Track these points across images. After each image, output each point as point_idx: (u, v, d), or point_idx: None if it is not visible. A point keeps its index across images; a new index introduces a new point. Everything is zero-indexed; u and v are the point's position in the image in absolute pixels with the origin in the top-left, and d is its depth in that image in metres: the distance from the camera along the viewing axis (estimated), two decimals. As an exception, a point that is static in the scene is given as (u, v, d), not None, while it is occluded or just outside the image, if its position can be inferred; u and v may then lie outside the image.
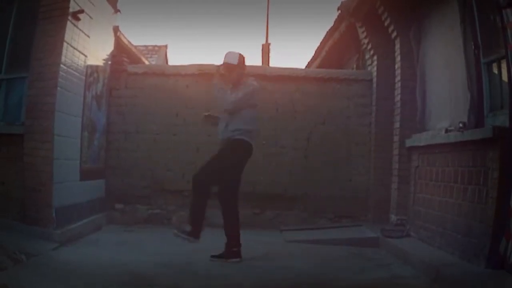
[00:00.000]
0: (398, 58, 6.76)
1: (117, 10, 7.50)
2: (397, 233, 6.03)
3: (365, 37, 7.42)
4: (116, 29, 7.57)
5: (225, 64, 5.23)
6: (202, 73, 7.45)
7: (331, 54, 9.68)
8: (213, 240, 5.18)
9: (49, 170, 5.48)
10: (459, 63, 5.12)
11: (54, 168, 5.50)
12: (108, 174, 7.35)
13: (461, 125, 4.79)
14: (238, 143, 5.19)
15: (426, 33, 6.27)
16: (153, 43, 15.98)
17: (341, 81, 7.63)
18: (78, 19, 5.84)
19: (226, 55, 5.26)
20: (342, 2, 7.58)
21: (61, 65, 5.58)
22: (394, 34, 6.76)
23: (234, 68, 5.23)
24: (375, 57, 7.40)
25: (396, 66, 6.84)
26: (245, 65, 5.37)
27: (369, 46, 7.43)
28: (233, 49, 5.34)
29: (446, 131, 5.20)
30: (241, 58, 5.28)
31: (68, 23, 5.64)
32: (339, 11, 7.80)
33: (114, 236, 6.26)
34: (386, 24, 6.80)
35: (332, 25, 8.58)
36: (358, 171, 7.48)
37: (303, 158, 7.49)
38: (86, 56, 6.25)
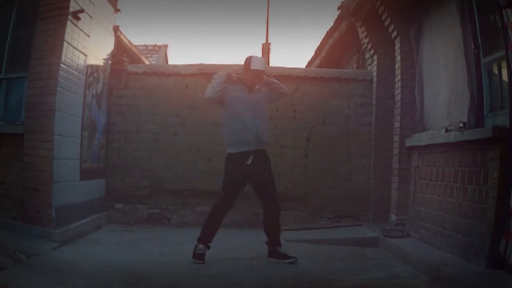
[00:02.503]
0: (398, 58, 6.75)
1: (117, 10, 7.50)
2: (397, 233, 6.02)
3: (365, 37, 7.42)
4: (116, 29, 7.57)
5: (261, 72, 5.20)
6: (202, 73, 7.45)
7: (331, 53, 9.68)
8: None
9: (49, 170, 5.48)
10: (459, 63, 5.12)
11: (54, 168, 5.50)
12: (108, 173, 7.35)
13: (461, 125, 4.78)
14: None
15: (426, 33, 6.27)
16: (153, 43, 15.99)
17: (341, 81, 7.62)
18: (78, 18, 5.85)
19: (259, 61, 5.22)
20: (342, 2, 7.58)
21: (61, 65, 5.58)
22: (394, 33, 6.75)
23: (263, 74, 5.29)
24: (375, 57, 7.40)
25: (396, 66, 6.84)
26: None
27: (369, 46, 7.43)
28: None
29: (446, 130, 5.20)
30: None
31: (68, 22, 5.65)
32: (339, 11, 7.80)
33: (114, 236, 6.26)
34: (386, 24, 6.79)
35: (332, 25, 8.59)
36: (358, 171, 7.48)
37: (303, 158, 7.49)
38: (86, 55, 6.25)
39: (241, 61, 5.44)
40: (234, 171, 5.08)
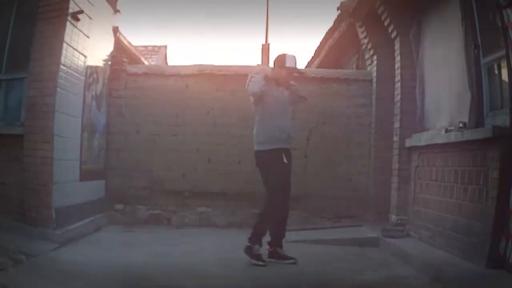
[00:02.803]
0: (398, 58, 6.75)
1: (116, 10, 7.50)
2: (397, 233, 6.02)
3: (365, 37, 7.42)
4: (115, 30, 7.57)
5: (295, 70, 5.28)
6: (202, 73, 7.46)
7: (331, 54, 9.67)
8: (212, 239, 5.18)
9: (49, 171, 5.48)
10: (459, 63, 5.11)
11: (54, 168, 5.50)
12: (108, 174, 7.35)
13: (461, 125, 4.78)
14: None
15: (426, 33, 6.27)
16: (153, 43, 16.00)
17: (341, 81, 7.62)
18: (77, 19, 5.84)
19: (293, 59, 5.22)
20: (342, 2, 7.58)
21: (61, 66, 5.58)
22: (394, 34, 6.75)
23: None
24: (375, 57, 7.40)
25: (396, 66, 6.83)
26: None
27: (369, 46, 7.43)
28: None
29: (446, 131, 5.19)
30: None
31: (68, 23, 5.64)
32: (339, 11, 7.80)
33: (114, 237, 6.26)
34: (386, 24, 6.79)
35: (332, 25, 8.58)
36: (358, 171, 7.47)
37: (303, 158, 7.47)
38: (85, 56, 6.25)
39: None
40: (278, 166, 5.07)
